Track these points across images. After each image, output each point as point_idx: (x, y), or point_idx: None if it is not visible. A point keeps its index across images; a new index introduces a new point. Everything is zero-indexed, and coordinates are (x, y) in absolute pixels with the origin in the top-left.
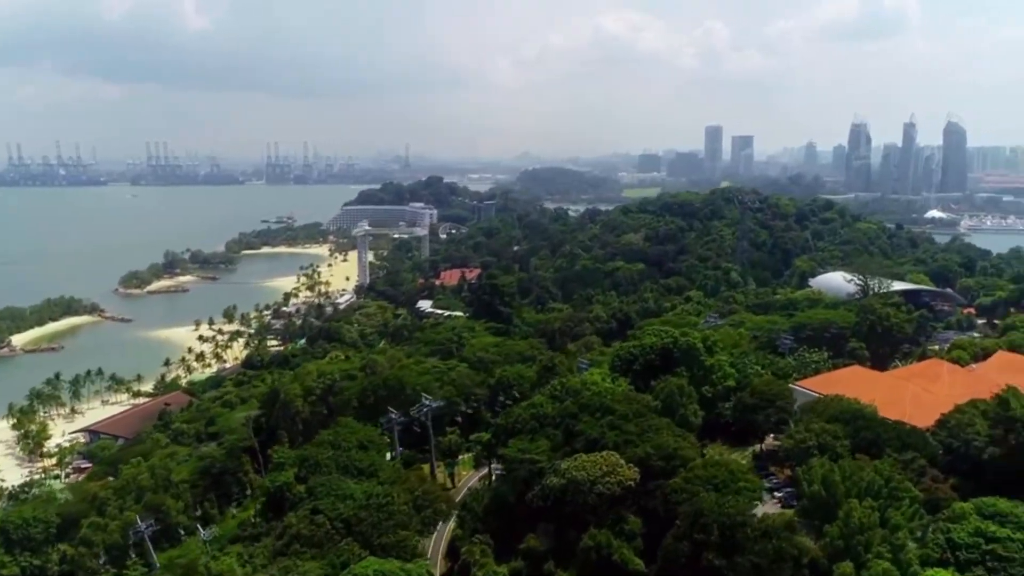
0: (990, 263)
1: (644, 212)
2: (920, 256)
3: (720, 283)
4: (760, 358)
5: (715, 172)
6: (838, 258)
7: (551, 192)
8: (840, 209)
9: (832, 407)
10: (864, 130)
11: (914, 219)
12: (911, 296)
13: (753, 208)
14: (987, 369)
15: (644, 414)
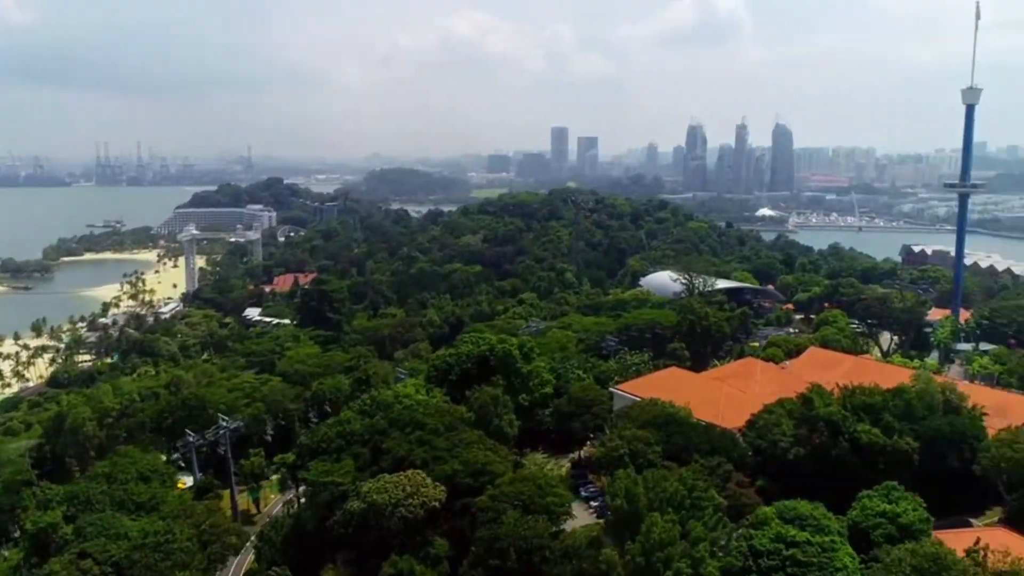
0: (808, 260)
1: (484, 213)
2: (746, 254)
3: (554, 284)
4: (583, 362)
5: (562, 172)
6: (670, 257)
7: (398, 193)
8: (674, 209)
9: (646, 412)
10: (700, 131)
11: (746, 217)
12: (734, 294)
13: (589, 209)
14: (799, 366)
15: (456, 427)
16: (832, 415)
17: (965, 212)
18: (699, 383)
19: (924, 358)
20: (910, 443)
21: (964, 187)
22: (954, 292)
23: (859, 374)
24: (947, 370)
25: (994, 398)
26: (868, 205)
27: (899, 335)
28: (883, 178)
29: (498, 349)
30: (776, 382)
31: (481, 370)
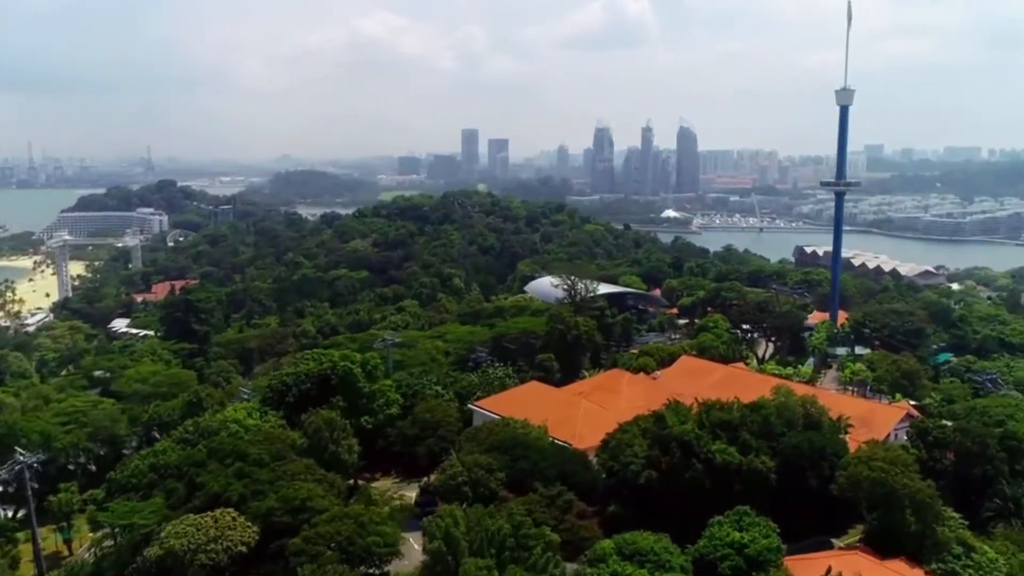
0: (697, 263)
1: (378, 217)
2: (637, 257)
3: (437, 290)
4: (443, 376)
5: (472, 174)
6: (563, 260)
7: (304, 195)
8: (570, 211)
9: (495, 433)
10: (607, 134)
11: (651, 219)
12: (617, 299)
13: (483, 211)
14: (671, 376)
15: (285, 456)
16: (685, 434)
17: (841, 211)
18: (559, 399)
19: (801, 364)
20: (766, 462)
21: (839, 185)
22: (831, 295)
23: (729, 384)
24: (823, 376)
25: (860, 408)
26: (769, 206)
27: (774, 341)
28: (785, 179)
29: (340, 367)
30: (644, 395)
31: (322, 391)
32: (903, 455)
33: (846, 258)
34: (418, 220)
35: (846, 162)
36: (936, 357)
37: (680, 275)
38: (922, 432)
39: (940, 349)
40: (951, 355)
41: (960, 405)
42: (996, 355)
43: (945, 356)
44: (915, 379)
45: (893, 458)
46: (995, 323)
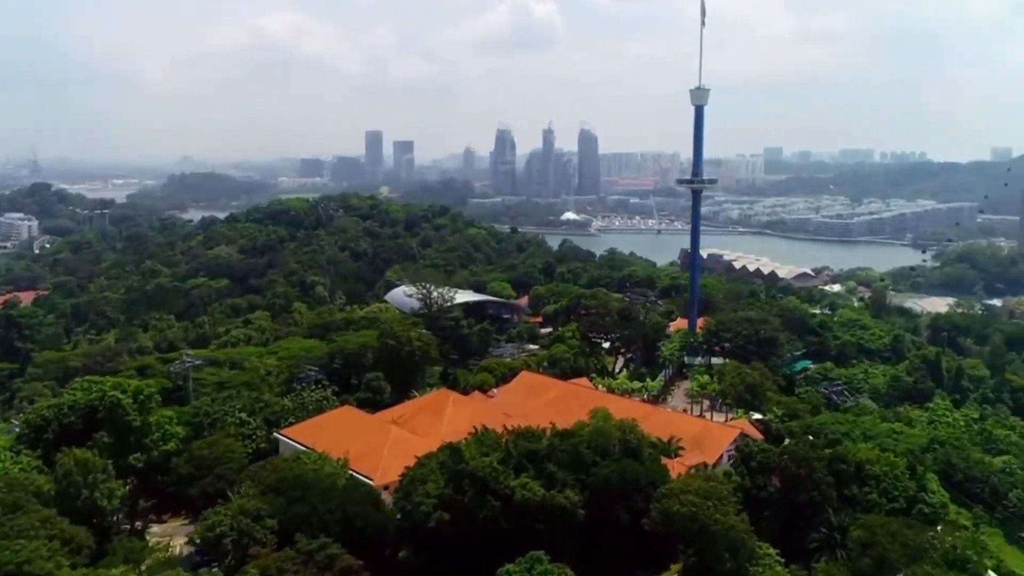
0: (569, 268)
1: (252, 221)
2: (514, 262)
3: (292, 300)
4: (252, 401)
5: (376, 177)
6: (438, 266)
7: (198, 199)
8: (453, 215)
9: (277, 471)
10: (508, 136)
11: (551, 221)
12: (476, 308)
13: (362, 215)
14: (508, 393)
15: (23, 507)
16: (480, 469)
17: (699, 208)
18: (369, 426)
19: (656, 376)
20: (570, 497)
21: (695, 183)
22: (690, 301)
23: (566, 403)
24: (676, 389)
25: (694, 428)
26: (668, 208)
27: (623, 352)
28: None
29: (110, 396)
30: (471, 417)
31: (88, 425)
32: (718, 486)
33: (728, 260)
34: (292, 225)
35: (702, 160)
36: (794, 365)
37: (551, 281)
38: (746, 457)
39: (798, 356)
40: (809, 362)
41: (797, 423)
42: (855, 361)
43: (803, 363)
44: (759, 392)
45: (708, 490)
46: (856, 328)
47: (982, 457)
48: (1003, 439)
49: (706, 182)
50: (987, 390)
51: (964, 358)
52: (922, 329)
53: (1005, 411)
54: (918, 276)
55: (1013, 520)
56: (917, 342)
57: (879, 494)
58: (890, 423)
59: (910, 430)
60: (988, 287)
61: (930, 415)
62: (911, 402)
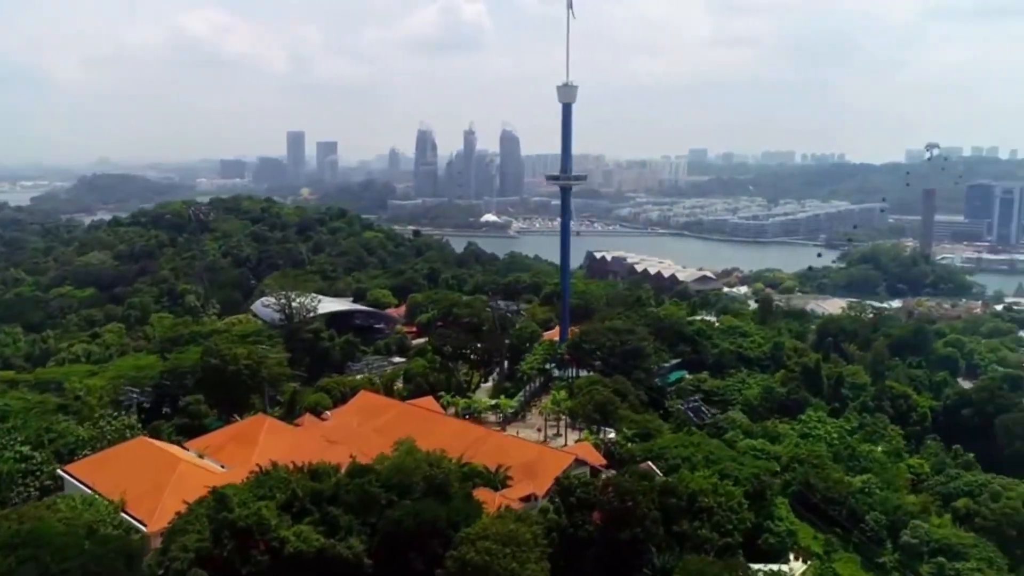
0: (452, 275)
1: (136, 224)
2: (401, 268)
3: (149, 311)
4: (42, 431)
5: (299, 178)
6: (324, 272)
7: (109, 201)
8: (350, 218)
9: (22, 521)
10: (429, 136)
11: (471, 223)
12: (343, 318)
13: (252, 219)
14: (342, 416)
15: None
16: (242, 518)
17: (568, 206)
18: (159, 460)
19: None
20: (353, 546)
21: (562, 179)
22: (562, 307)
23: (400, 425)
24: (539, 406)
25: (528, 454)
26: (590, 210)
27: (478, 366)
28: (609, 183)
29: None
30: (286, 447)
31: None
32: (521, 530)
33: (631, 264)
34: (175, 229)
35: (571, 157)
36: (667, 377)
37: (435, 287)
38: (564, 491)
39: (673, 367)
40: (685, 372)
41: (640, 446)
42: (733, 370)
43: (678, 374)
44: (608, 411)
45: (508, 535)
46: (736, 335)
47: (842, 476)
48: (866, 455)
49: (574, 179)
50: (867, 398)
51: (846, 364)
52: (811, 334)
53: (884, 420)
54: (823, 277)
55: (871, 544)
56: (800, 349)
57: (711, 528)
58: (753, 439)
59: (773, 447)
60: (891, 287)
61: (802, 427)
62: (784, 414)
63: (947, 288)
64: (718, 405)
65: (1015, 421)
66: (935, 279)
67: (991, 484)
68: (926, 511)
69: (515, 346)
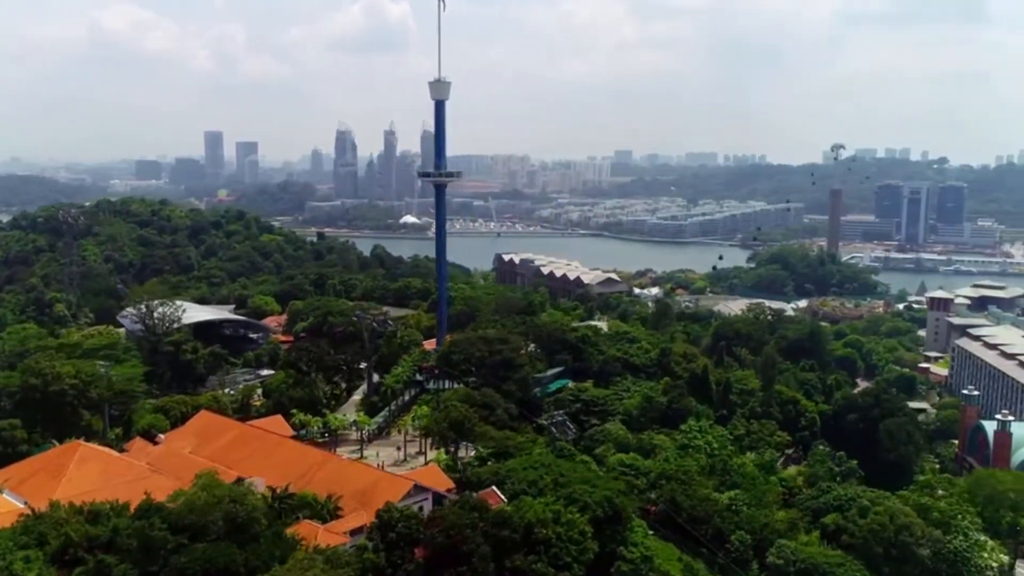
0: (340, 280)
1: (18, 228)
2: (291, 273)
3: (4, 323)
4: None
5: (218, 179)
6: (217, 277)
7: (10, 203)
8: (248, 220)
9: None
10: (349, 137)
11: (389, 224)
12: (211, 329)
13: (140, 222)
14: (178, 439)
15: None
16: None
17: (443, 203)
18: None
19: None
20: None
21: (434, 176)
22: (439, 315)
23: (237, 450)
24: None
25: (366, 480)
26: (512, 211)
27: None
28: (534, 184)
29: None
30: (98, 477)
31: None
32: (330, 574)
33: (538, 266)
34: (55, 234)
35: (444, 154)
36: (547, 387)
37: (322, 293)
38: (383, 525)
39: (555, 376)
40: (568, 382)
41: (486, 469)
42: (618, 378)
43: (561, 383)
44: (464, 428)
45: None
46: (623, 342)
47: (709, 493)
48: (737, 469)
49: (448, 176)
50: (755, 404)
51: (737, 369)
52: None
53: (772, 426)
54: (734, 278)
55: (736, 566)
56: (690, 354)
57: (548, 562)
58: (627, 453)
59: (645, 462)
60: (798, 288)
61: (683, 438)
62: (666, 424)
63: (852, 288)
64: (597, 416)
65: (898, 426)
66: (841, 279)
67: (860, 499)
68: (794, 528)
69: (387, 357)
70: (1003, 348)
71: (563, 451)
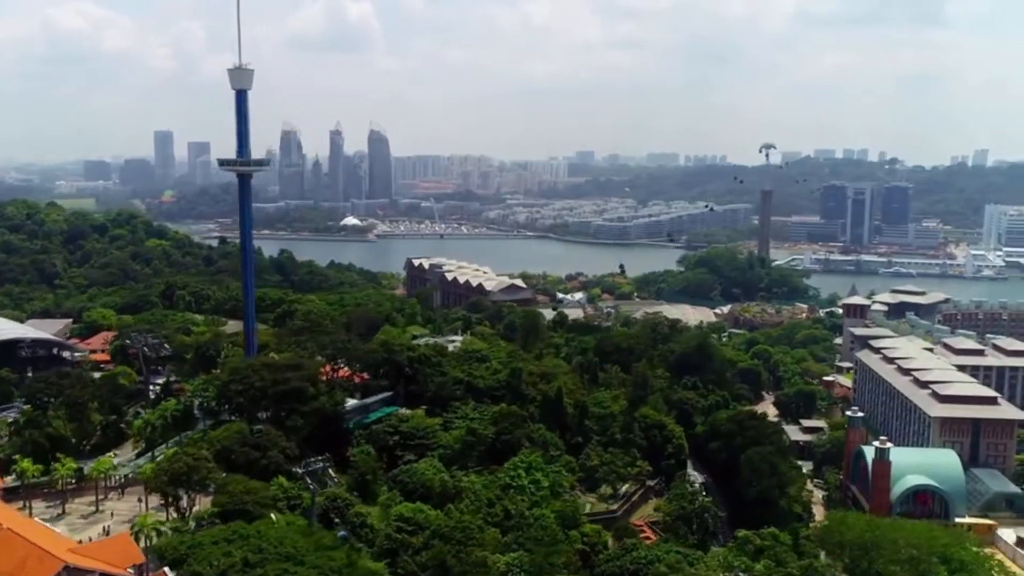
0: (188, 292)
1: None
2: (159, 281)
3: None
4: None
5: (168, 179)
6: (81, 287)
7: None
8: (136, 224)
9: None
10: (294, 137)
11: (329, 226)
12: (7, 348)
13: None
14: None
15: None
16: None
17: (248, 196)
18: None
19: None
20: None
21: (232, 163)
22: (246, 333)
23: None
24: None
25: (15, 557)
26: (460, 212)
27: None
28: (488, 185)
29: None
30: None
31: None
32: None
33: (443, 272)
34: None
35: (248, 143)
36: (367, 416)
37: (171, 305)
38: None
39: (380, 402)
40: (398, 408)
41: (171, 540)
42: (460, 403)
43: (387, 411)
44: (191, 481)
45: None
46: (471, 362)
47: (485, 556)
48: (533, 521)
49: (253, 164)
50: (616, 430)
51: (602, 390)
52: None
53: (626, 456)
54: (662, 282)
55: None
56: (548, 373)
57: None
58: (418, 500)
59: (429, 513)
60: (725, 292)
61: (505, 476)
62: (496, 459)
63: (782, 292)
64: (415, 450)
65: (760, 457)
66: (769, 283)
67: (659, 564)
68: None
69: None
70: (900, 363)
71: (307, 510)
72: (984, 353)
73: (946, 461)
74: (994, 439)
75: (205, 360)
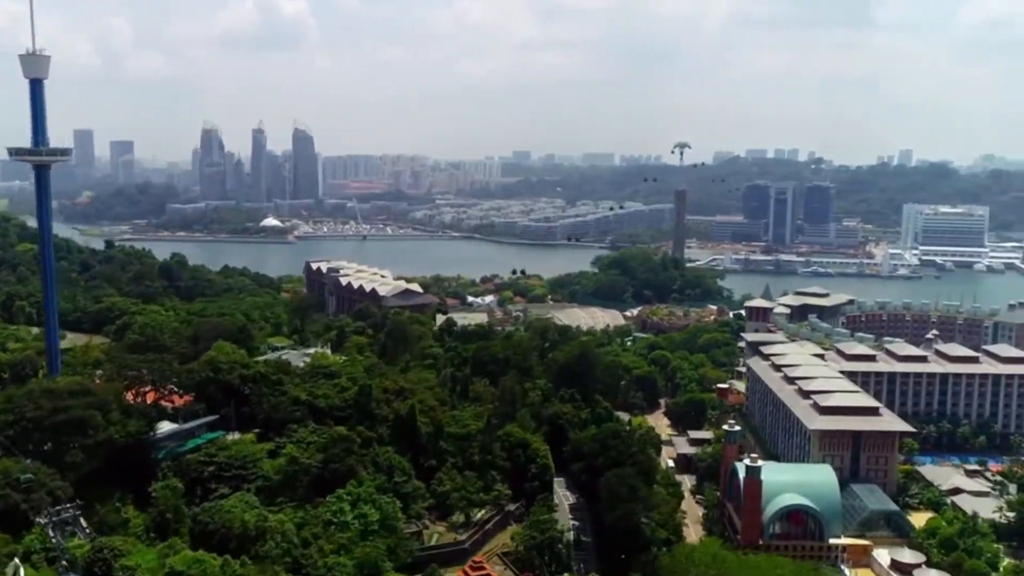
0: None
1: None
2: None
3: None
4: None
5: (89, 180)
6: None
7: None
8: (7, 228)
9: None
10: (215, 136)
11: (249, 227)
12: None
13: None
14: None
15: None
16: None
17: (46, 189)
18: None
19: None
20: None
21: (33, 156)
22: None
23: None
24: None
25: None
26: (386, 212)
27: None
28: (419, 185)
29: None
30: None
31: None
32: None
33: (336, 276)
34: None
35: (45, 131)
36: (183, 445)
37: (10, 319)
38: None
39: (198, 428)
40: (221, 434)
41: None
42: (298, 426)
43: (211, 436)
44: None
45: None
46: (317, 379)
47: None
48: (335, 568)
49: (47, 154)
50: (474, 451)
51: (467, 407)
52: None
53: (490, 478)
54: (575, 284)
55: None
56: (406, 390)
57: None
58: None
59: (214, 562)
60: (637, 294)
61: (327, 512)
62: (325, 489)
63: (695, 294)
64: (230, 483)
65: (619, 480)
66: (683, 284)
67: None
68: None
69: None
70: (786, 371)
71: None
72: (875, 359)
73: (821, 478)
74: (875, 453)
75: (20, 380)
